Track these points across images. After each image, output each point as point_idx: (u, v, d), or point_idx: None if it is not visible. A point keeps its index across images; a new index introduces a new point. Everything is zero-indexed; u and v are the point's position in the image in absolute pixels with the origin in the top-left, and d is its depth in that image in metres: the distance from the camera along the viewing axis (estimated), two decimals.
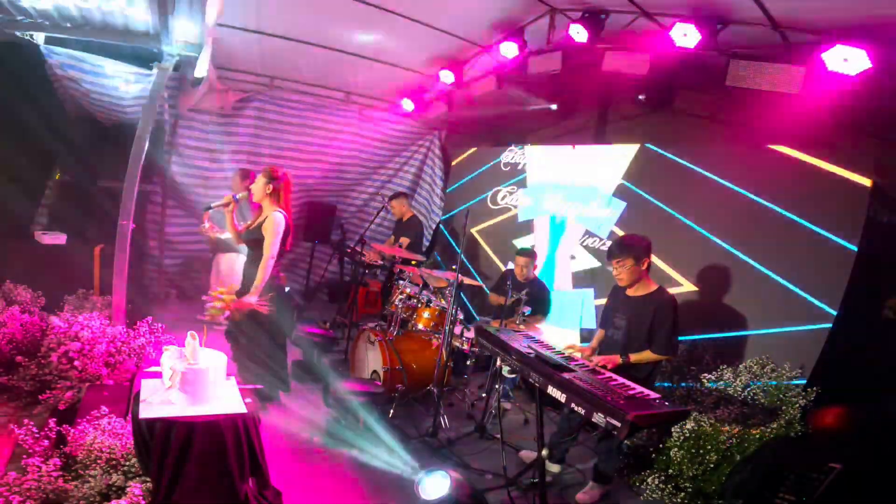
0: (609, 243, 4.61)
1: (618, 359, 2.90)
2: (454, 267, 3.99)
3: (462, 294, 3.91)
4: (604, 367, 2.82)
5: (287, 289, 3.73)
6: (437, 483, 2.62)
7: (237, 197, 3.55)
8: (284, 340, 3.80)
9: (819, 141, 3.50)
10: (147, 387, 2.33)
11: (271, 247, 3.40)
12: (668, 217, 4.27)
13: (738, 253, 3.77)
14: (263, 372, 3.51)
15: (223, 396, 2.38)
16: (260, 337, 3.55)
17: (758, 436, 2.99)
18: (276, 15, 4.57)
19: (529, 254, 4.62)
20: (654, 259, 3.50)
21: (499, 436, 3.56)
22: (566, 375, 2.40)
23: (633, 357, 2.92)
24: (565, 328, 4.89)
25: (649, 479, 3.13)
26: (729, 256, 3.81)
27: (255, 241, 3.46)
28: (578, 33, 3.96)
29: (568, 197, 5.20)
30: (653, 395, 2.33)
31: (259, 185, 3.51)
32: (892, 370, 3.21)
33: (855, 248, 3.17)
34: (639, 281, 3.02)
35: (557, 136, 6.96)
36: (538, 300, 4.51)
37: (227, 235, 4.08)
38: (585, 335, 4.69)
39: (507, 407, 4.32)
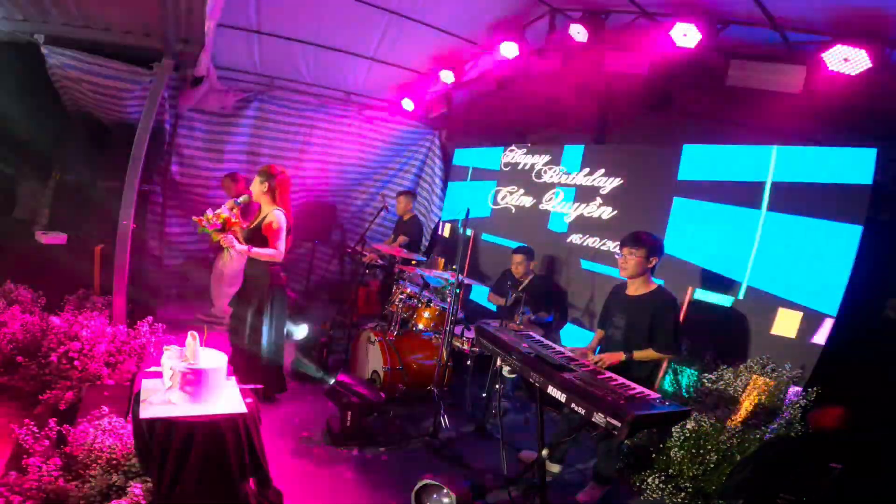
0: (609, 242, 4.64)
1: (621, 355, 2.91)
2: (454, 267, 3.99)
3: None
4: (598, 362, 2.82)
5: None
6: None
7: (239, 201, 3.56)
8: (283, 341, 3.81)
9: (819, 140, 3.50)
10: (147, 387, 2.33)
11: (277, 244, 3.43)
12: (663, 217, 4.26)
13: (738, 252, 3.77)
14: (261, 372, 3.51)
15: (223, 396, 2.38)
16: (260, 337, 3.55)
17: (758, 436, 2.99)
18: (276, 15, 4.57)
19: (526, 251, 4.61)
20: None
21: (499, 436, 3.56)
22: (566, 375, 2.40)
23: (637, 354, 2.92)
24: None
25: (649, 479, 3.13)
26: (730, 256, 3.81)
27: (256, 240, 3.47)
28: (578, 33, 3.96)
29: (568, 197, 5.20)
30: (653, 395, 2.34)
31: (256, 185, 3.52)
32: (893, 370, 3.21)
33: (855, 248, 3.16)
34: (641, 277, 3.03)
35: (558, 136, 6.96)
36: (539, 298, 4.51)
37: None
38: None
39: (507, 407, 4.32)
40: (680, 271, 3.99)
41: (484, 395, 4.07)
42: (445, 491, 2.59)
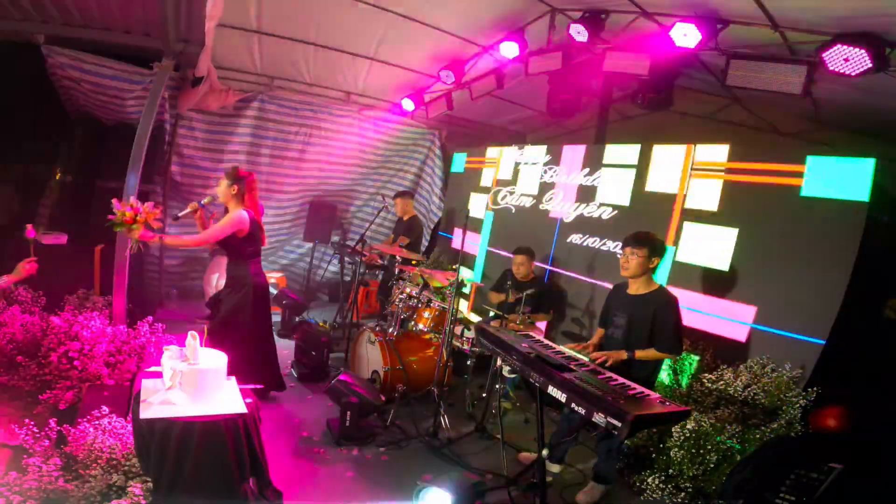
0: (609, 242, 4.64)
1: (623, 354, 2.90)
2: (454, 267, 3.99)
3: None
4: (603, 363, 2.83)
5: (275, 291, 3.68)
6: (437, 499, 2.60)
7: (202, 202, 3.49)
8: (272, 339, 3.77)
9: (819, 140, 3.50)
10: (147, 387, 2.33)
11: (213, 231, 3.31)
12: (664, 219, 4.26)
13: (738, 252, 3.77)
14: (256, 371, 3.48)
15: (223, 396, 2.38)
16: (244, 336, 3.50)
17: (758, 436, 2.99)
18: (276, 15, 4.57)
19: (527, 252, 4.62)
20: None
21: (499, 436, 3.56)
22: (566, 375, 2.40)
23: (639, 354, 2.91)
24: None
25: (649, 479, 3.13)
26: (729, 256, 3.81)
27: (223, 242, 3.43)
28: (579, 33, 3.96)
29: (568, 197, 5.20)
30: (653, 395, 2.34)
31: (223, 187, 3.45)
32: (892, 370, 3.21)
33: (855, 248, 3.16)
34: (642, 277, 3.02)
35: (558, 136, 6.98)
36: (539, 298, 4.51)
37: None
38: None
39: (506, 407, 4.33)
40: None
41: (484, 395, 4.07)
42: (445, 493, 2.59)
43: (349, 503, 2.87)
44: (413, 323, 4.44)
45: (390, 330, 4.32)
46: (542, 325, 4.72)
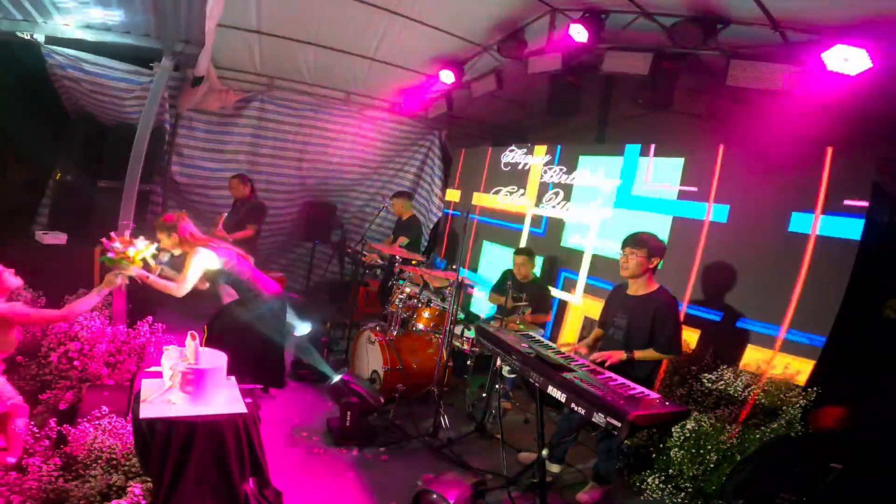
0: (609, 243, 4.64)
1: (622, 354, 2.90)
2: (454, 267, 3.99)
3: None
4: (602, 362, 2.82)
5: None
6: None
7: (161, 261, 3.43)
8: (281, 338, 3.75)
9: (819, 141, 3.50)
10: (147, 387, 2.33)
11: (185, 279, 3.26)
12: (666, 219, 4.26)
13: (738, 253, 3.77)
14: (256, 365, 3.47)
15: (223, 396, 2.38)
16: (248, 332, 3.48)
17: (758, 436, 2.99)
18: (276, 15, 4.57)
19: (527, 252, 4.61)
20: None
21: (499, 436, 3.56)
22: (566, 375, 2.40)
23: (638, 354, 2.91)
24: None
25: (649, 479, 3.13)
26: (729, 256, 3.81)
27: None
28: (578, 33, 3.96)
29: (568, 197, 5.20)
30: (653, 395, 2.34)
31: (166, 241, 3.35)
32: (892, 370, 3.21)
33: (855, 248, 3.17)
34: (641, 277, 3.02)
35: (558, 136, 6.97)
36: (539, 299, 4.51)
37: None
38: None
39: (506, 407, 4.33)
40: None
41: (484, 395, 4.07)
42: (445, 495, 2.58)
43: (349, 503, 2.87)
44: (413, 323, 4.44)
45: (390, 330, 4.32)
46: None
